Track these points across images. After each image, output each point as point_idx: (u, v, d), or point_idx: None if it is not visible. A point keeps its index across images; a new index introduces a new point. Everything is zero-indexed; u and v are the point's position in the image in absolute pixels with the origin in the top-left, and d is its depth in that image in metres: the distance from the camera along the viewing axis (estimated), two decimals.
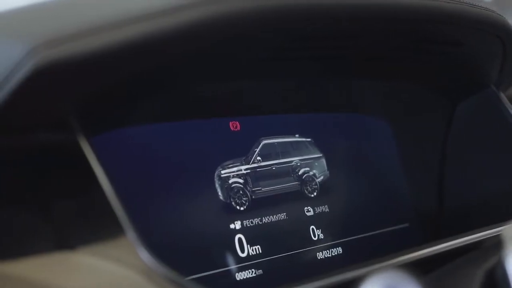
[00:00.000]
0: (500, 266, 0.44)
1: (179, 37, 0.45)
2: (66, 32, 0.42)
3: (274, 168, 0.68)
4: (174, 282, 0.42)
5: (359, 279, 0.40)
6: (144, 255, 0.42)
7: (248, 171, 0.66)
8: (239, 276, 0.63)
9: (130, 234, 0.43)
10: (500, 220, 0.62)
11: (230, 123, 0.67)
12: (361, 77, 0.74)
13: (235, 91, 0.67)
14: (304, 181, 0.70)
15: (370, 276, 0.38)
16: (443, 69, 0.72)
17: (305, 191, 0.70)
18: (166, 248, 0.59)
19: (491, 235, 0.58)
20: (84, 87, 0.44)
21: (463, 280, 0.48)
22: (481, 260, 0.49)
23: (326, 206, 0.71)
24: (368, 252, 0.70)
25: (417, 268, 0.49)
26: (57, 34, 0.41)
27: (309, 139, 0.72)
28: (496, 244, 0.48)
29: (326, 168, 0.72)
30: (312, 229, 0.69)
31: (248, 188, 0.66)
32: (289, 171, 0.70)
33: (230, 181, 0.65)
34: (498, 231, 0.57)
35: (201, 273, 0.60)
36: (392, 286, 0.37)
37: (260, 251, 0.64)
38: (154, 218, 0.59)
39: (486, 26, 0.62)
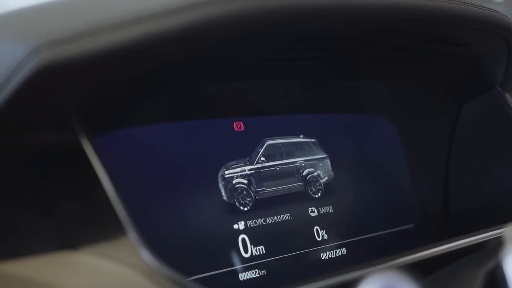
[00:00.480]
0: (499, 267, 0.44)
1: (181, 37, 0.45)
2: (69, 32, 0.42)
3: (278, 168, 0.68)
4: (176, 282, 0.42)
5: (362, 280, 0.40)
6: (146, 256, 0.42)
7: (252, 171, 0.66)
8: (243, 276, 0.63)
9: (131, 235, 0.43)
10: (506, 221, 0.61)
11: (234, 124, 0.67)
12: (366, 77, 0.74)
13: (239, 91, 0.67)
14: (308, 181, 0.70)
15: (367, 276, 0.38)
16: (448, 70, 0.72)
17: (309, 191, 0.70)
18: (169, 248, 0.59)
19: (495, 236, 0.58)
20: (86, 87, 0.44)
21: (463, 282, 0.47)
22: (483, 261, 0.49)
23: (330, 206, 0.71)
24: (372, 253, 0.70)
25: (421, 269, 0.49)
26: (60, 34, 0.41)
27: (313, 140, 0.72)
28: (499, 245, 0.48)
29: (330, 168, 0.72)
30: (316, 229, 0.69)
31: (252, 188, 0.66)
32: (293, 172, 0.69)
33: (234, 182, 0.65)
34: (502, 232, 0.57)
35: (205, 273, 0.60)
36: (389, 287, 0.37)
37: (264, 252, 0.64)
38: (157, 219, 0.59)
39: (490, 27, 0.62)
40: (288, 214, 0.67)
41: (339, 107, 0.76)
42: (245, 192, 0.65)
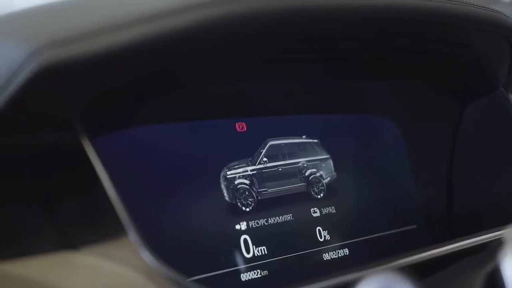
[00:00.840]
0: (498, 269, 0.44)
1: (185, 38, 0.45)
2: (70, 33, 0.42)
3: (280, 169, 0.68)
4: (176, 282, 0.42)
5: (359, 281, 0.40)
6: (146, 256, 0.43)
7: (254, 172, 0.66)
8: (245, 276, 0.63)
9: (132, 235, 0.43)
10: (509, 222, 0.61)
11: (236, 124, 0.67)
12: (369, 78, 0.74)
13: (242, 92, 0.67)
14: (311, 182, 0.70)
15: (365, 278, 0.38)
16: (451, 71, 0.72)
17: (312, 192, 0.70)
18: (171, 249, 0.59)
19: (497, 237, 0.58)
20: (88, 88, 0.44)
21: (464, 283, 0.47)
22: (484, 262, 0.49)
23: (332, 207, 0.71)
24: (375, 254, 0.70)
25: (423, 270, 0.49)
26: (61, 35, 0.41)
27: (316, 140, 0.72)
28: (499, 246, 0.48)
29: (333, 169, 0.72)
30: (319, 230, 0.69)
31: (254, 189, 0.66)
32: (296, 172, 0.69)
33: (236, 182, 0.65)
34: (503, 233, 0.57)
35: (207, 273, 0.60)
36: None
37: (266, 252, 0.64)
38: (159, 219, 0.59)
39: (492, 28, 0.62)
40: (290, 215, 0.67)
41: (341, 108, 0.76)
42: (247, 193, 0.65)
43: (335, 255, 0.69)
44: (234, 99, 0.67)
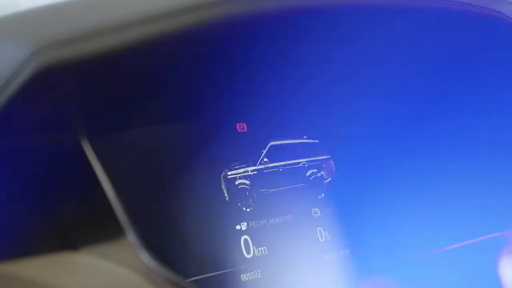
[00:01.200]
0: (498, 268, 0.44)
1: (185, 39, 0.46)
2: (72, 34, 0.42)
3: (281, 169, 0.68)
4: (174, 283, 0.42)
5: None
6: (145, 257, 0.43)
7: (255, 172, 0.66)
8: (245, 277, 0.63)
9: (130, 236, 0.43)
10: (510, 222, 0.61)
11: (237, 125, 0.67)
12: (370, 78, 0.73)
13: (242, 92, 0.67)
14: (312, 182, 0.70)
15: (364, 279, 0.38)
16: None
17: (313, 192, 0.70)
18: (172, 249, 0.59)
19: (497, 238, 0.58)
20: (88, 88, 0.44)
21: (462, 282, 0.48)
22: (483, 262, 0.49)
23: (333, 207, 0.71)
24: (376, 254, 0.70)
25: (422, 270, 0.49)
26: (62, 35, 0.42)
27: (317, 141, 0.72)
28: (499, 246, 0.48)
29: (334, 169, 0.72)
30: (319, 230, 0.69)
31: (255, 189, 0.66)
32: (296, 173, 0.69)
33: (237, 182, 0.65)
34: (502, 234, 0.57)
35: (207, 274, 0.60)
36: None
37: (266, 253, 0.64)
38: (159, 220, 0.59)
39: (493, 28, 0.62)
40: (291, 215, 0.67)
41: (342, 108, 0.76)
42: (247, 193, 0.65)
43: (336, 256, 0.69)
44: (234, 99, 0.67)
